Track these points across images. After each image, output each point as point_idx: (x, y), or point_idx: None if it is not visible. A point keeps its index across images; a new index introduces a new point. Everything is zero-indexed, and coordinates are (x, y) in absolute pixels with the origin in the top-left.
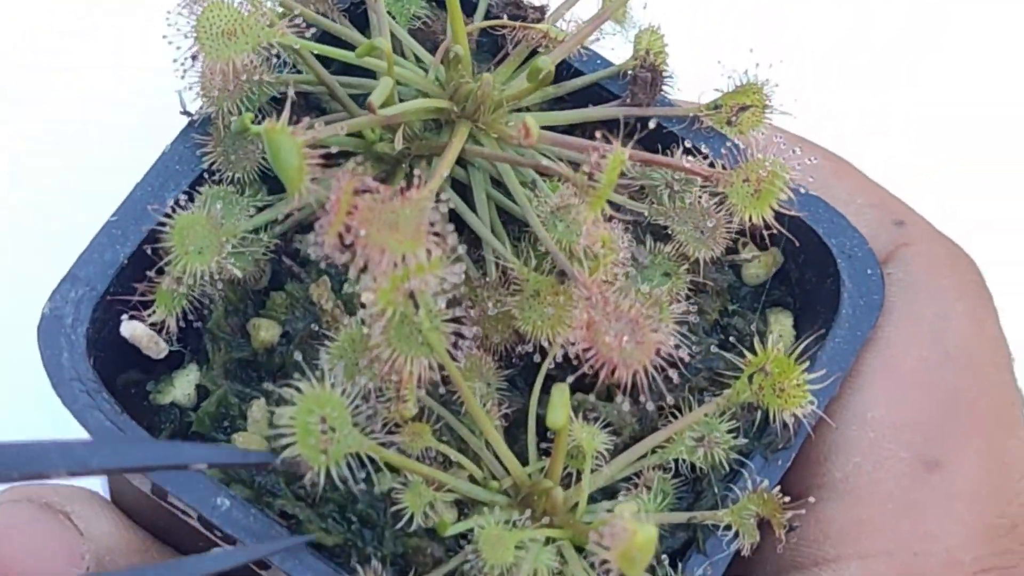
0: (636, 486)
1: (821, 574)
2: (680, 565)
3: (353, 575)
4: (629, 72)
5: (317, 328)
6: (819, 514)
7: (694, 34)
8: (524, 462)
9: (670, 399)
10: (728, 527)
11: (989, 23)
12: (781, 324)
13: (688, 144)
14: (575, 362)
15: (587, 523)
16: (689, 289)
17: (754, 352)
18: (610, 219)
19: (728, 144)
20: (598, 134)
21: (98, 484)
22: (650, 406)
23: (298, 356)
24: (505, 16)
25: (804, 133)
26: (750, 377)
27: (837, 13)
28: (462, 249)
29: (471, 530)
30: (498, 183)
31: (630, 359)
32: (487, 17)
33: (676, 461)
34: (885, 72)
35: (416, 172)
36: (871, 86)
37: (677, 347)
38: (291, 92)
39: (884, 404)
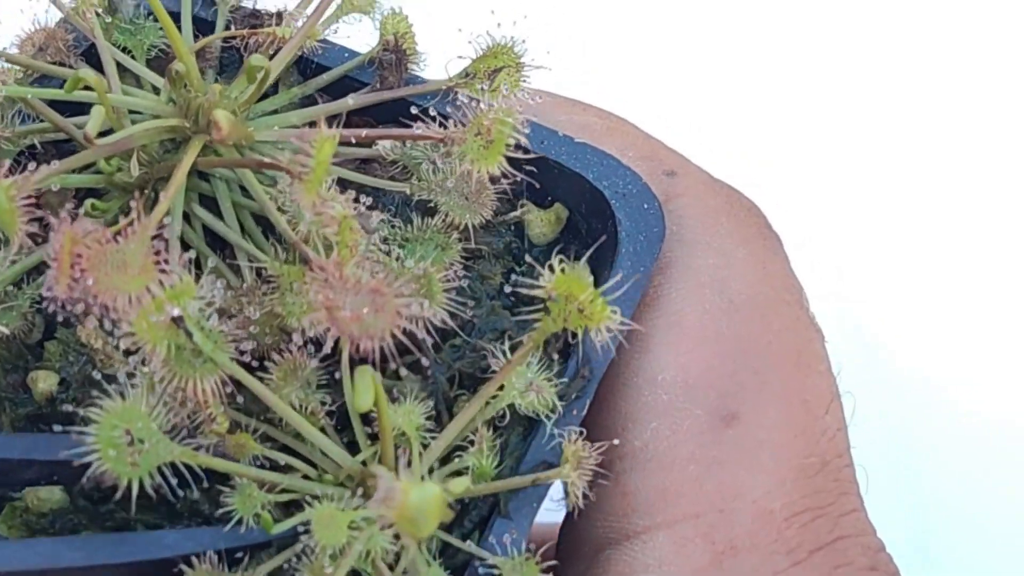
0: (473, 444)
1: (632, 548)
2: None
3: None
4: (376, 58)
5: (91, 370)
6: (624, 486)
7: (442, 10)
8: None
9: (462, 365)
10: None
11: None
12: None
13: (434, 114)
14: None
15: None
16: (466, 258)
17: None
18: (356, 200)
19: (459, 103)
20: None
21: None
22: (440, 375)
23: (70, 407)
24: (243, 29)
25: (579, 86)
26: (546, 309)
27: None
28: (215, 261)
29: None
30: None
31: (372, 328)
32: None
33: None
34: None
35: (162, 195)
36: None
37: (453, 314)
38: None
39: (673, 364)
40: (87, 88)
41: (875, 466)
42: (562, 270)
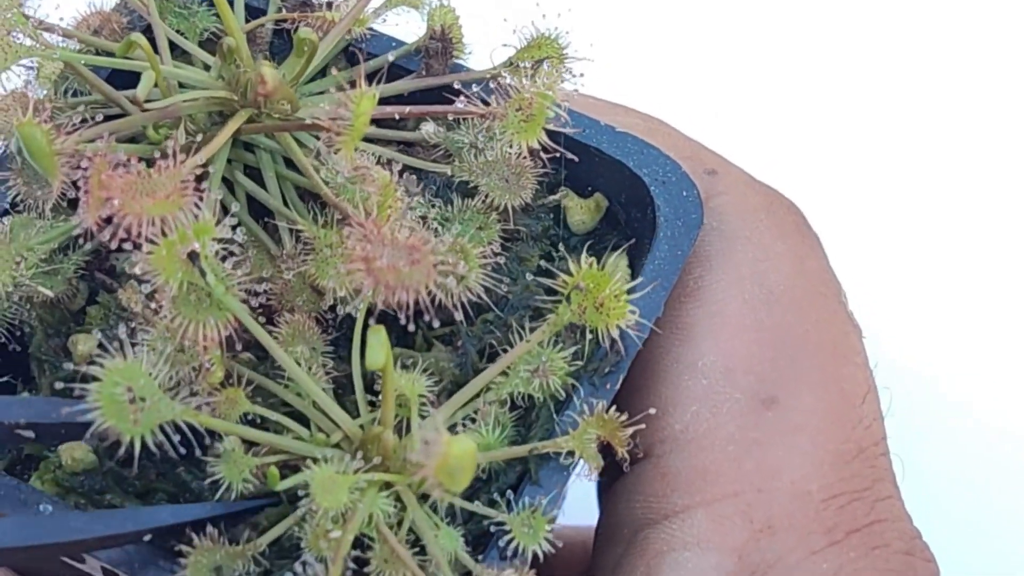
0: (474, 421)
1: (671, 526)
2: (514, 498)
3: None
4: (422, 47)
5: (130, 333)
6: (664, 468)
7: (488, 3)
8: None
9: (492, 340)
10: (571, 453)
11: None
12: (617, 266)
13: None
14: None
15: None
16: (505, 239)
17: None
18: (401, 171)
19: (501, 84)
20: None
21: None
22: (471, 347)
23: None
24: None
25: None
26: (568, 298)
27: None
28: (252, 223)
29: None
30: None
31: (408, 280)
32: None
33: (513, 395)
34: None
35: (201, 153)
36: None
37: (488, 290)
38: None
39: (714, 350)
40: (138, 63)
41: None
42: (590, 264)
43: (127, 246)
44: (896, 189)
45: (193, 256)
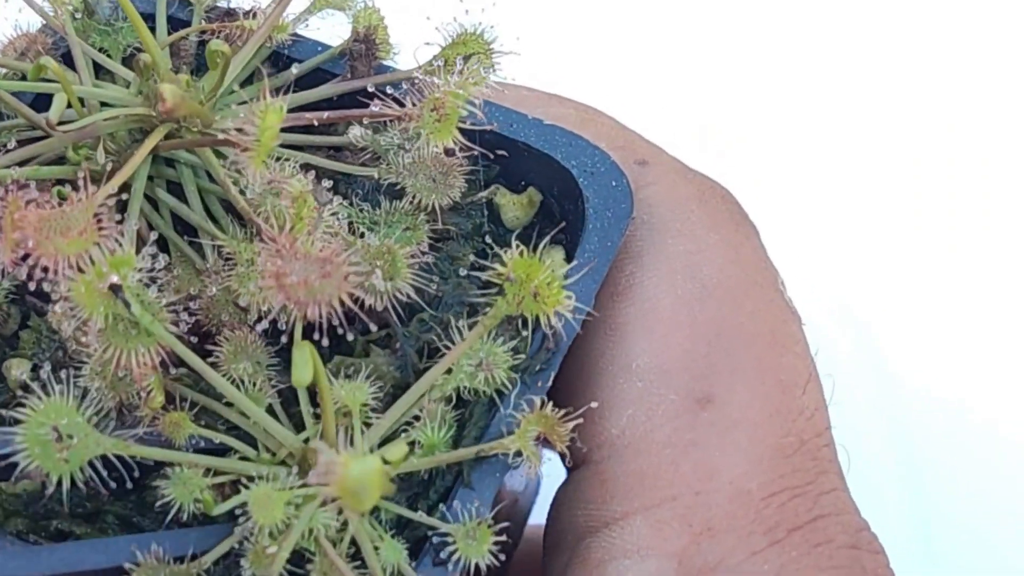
0: (419, 419)
1: (611, 535)
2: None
3: None
4: (347, 50)
5: (62, 355)
6: (602, 474)
7: (415, 3)
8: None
9: (430, 338)
10: (518, 454)
11: None
12: (552, 259)
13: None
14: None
15: None
16: (436, 239)
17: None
18: (319, 178)
19: (413, 80)
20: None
21: None
22: (409, 348)
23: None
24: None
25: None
26: (503, 290)
27: None
28: (178, 239)
29: None
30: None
31: (319, 293)
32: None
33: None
34: None
35: (117, 175)
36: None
37: (419, 290)
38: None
39: (648, 351)
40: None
41: (876, 463)
42: (520, 253)
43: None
44: (907, 196)
45: (115, 288)
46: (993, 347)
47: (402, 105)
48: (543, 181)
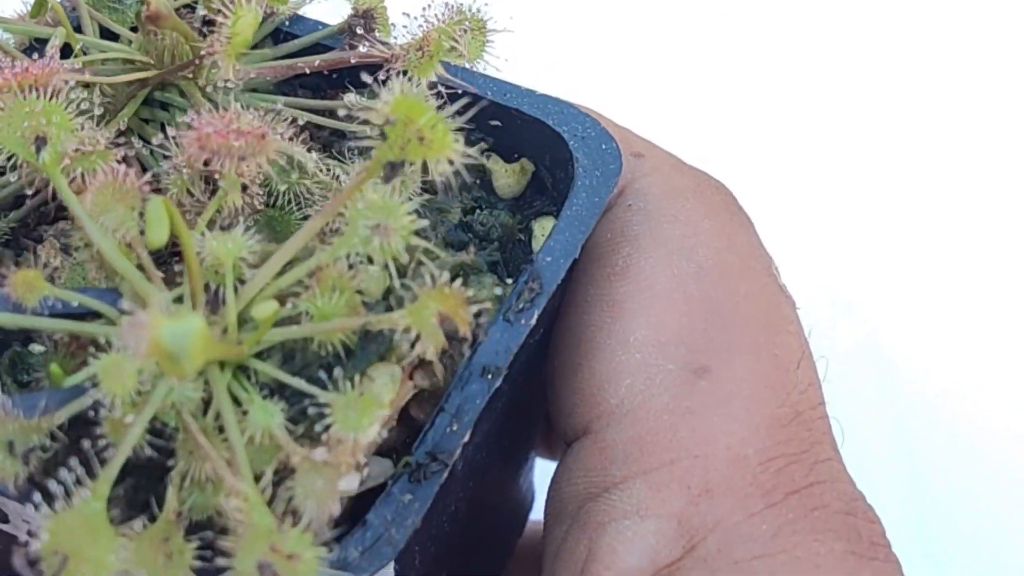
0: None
1: (611, 498)
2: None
3: None
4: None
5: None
6: (602, 442)
7: None
8: None
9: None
10: (407, 329)
11: None
12: (543, 226)
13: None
14: None
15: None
16: (425, 191)
17: (502, 244)
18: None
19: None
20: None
21: None
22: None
23: None
24: None
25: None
26: (383, 134)
27: None
28: None
29: None
30: None
31: (231, 149)
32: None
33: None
34: None
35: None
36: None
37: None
38: None
39: (645, 325)
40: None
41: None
42: (402, 90)
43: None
44: (911, 199)
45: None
46: (993, 336)
47: (390, 49)
48: (535, 150)
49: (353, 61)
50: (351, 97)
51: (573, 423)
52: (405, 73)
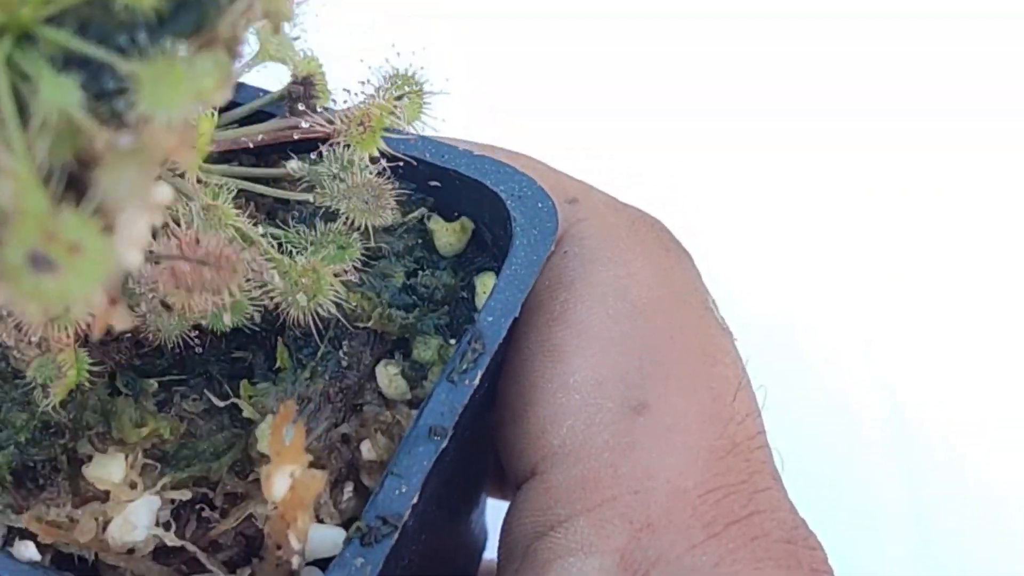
0: None
1: (556, 536)
2: None
3: None
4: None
5: (3, 365)
6: (547, 483)
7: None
8: None
9: None
10: None
11: None
12: (485, 284)
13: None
14: None
15: None
16: (369, 258)
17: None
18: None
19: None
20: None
21: None
22: None
23: None
24: None
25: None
26: None
27: None
28: None
29: None
30: None
31: (208, 283)
32: None
33: None
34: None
35: None
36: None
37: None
38: None
39: (583, 366)
40: None
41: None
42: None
43: None
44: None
45: None
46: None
47: (331, 123)
48: (474, 208)
49: (296, 137)
50: (294, 164)
51: (521, 466)
52: (348, 147)
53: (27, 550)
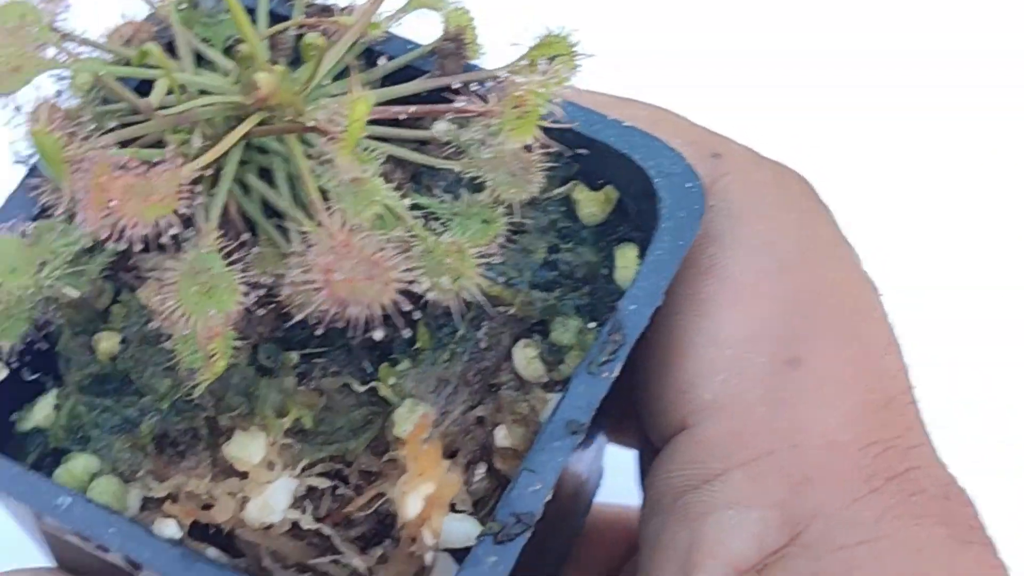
0: None
1: (711, 489)
2: None
3: None
4: (437, 49)
5: (150, 329)
6: (698, 436)
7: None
8: None
9: None
10: None
11: None
12: (625, 256)
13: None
14: None
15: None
16: (512, 232)
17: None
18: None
19: (498, 78)
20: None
21: None
22: None
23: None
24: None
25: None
26: None
27: None
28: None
29: None
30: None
31: (361, 296)
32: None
33: None
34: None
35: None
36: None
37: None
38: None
39: (733, 321)
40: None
41: None
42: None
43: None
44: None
45: None
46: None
47: (486, 102)
48: (620, 179)
49: (450, 117)
50: (441, 126)
51: (667, 420)
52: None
53: (167, 528)
